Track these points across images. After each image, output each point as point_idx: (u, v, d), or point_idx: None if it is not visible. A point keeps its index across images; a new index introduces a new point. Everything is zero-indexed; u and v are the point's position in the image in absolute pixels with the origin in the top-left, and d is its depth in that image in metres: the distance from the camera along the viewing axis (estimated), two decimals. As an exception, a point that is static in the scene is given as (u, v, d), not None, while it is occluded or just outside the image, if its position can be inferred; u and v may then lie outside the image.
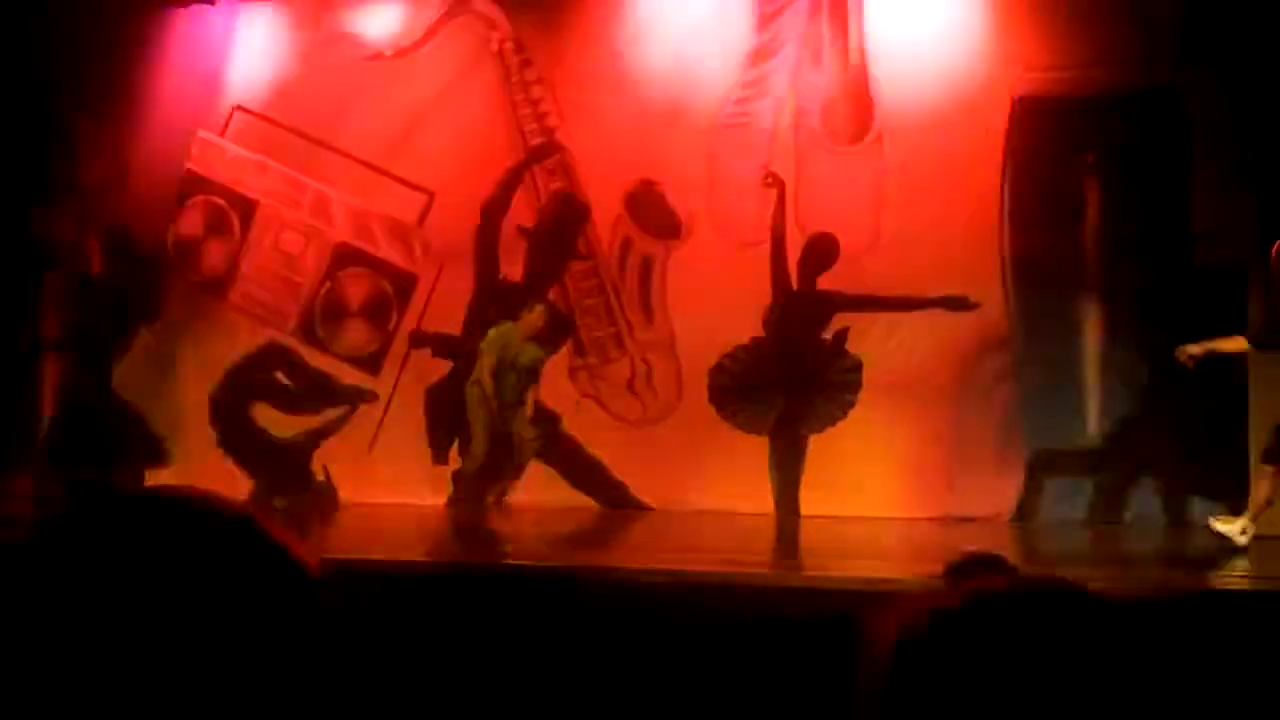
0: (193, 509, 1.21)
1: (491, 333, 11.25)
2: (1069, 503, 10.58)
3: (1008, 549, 8.94)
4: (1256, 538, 8.82)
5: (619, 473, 11.13)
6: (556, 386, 11.35)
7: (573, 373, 11.38)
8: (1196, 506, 10.09)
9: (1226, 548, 8.74)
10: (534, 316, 10.34)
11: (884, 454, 10.65)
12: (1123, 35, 10.48)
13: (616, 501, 11.03)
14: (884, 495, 10.56)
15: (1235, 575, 8.44)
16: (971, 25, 10.83)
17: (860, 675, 1.15)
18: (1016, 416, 10.69)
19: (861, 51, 11.03)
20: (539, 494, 11.11)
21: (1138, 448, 10.44)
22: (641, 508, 10.95)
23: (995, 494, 10.57)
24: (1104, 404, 10.68)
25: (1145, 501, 10.44)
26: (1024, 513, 10.56)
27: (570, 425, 11.28)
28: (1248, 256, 9.98)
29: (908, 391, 10.68)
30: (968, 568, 3.72)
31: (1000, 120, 10.76)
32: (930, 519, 10.30)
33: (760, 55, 11.17)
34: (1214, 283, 10.09)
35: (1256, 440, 9.32)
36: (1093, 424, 10.67)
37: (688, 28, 11.26)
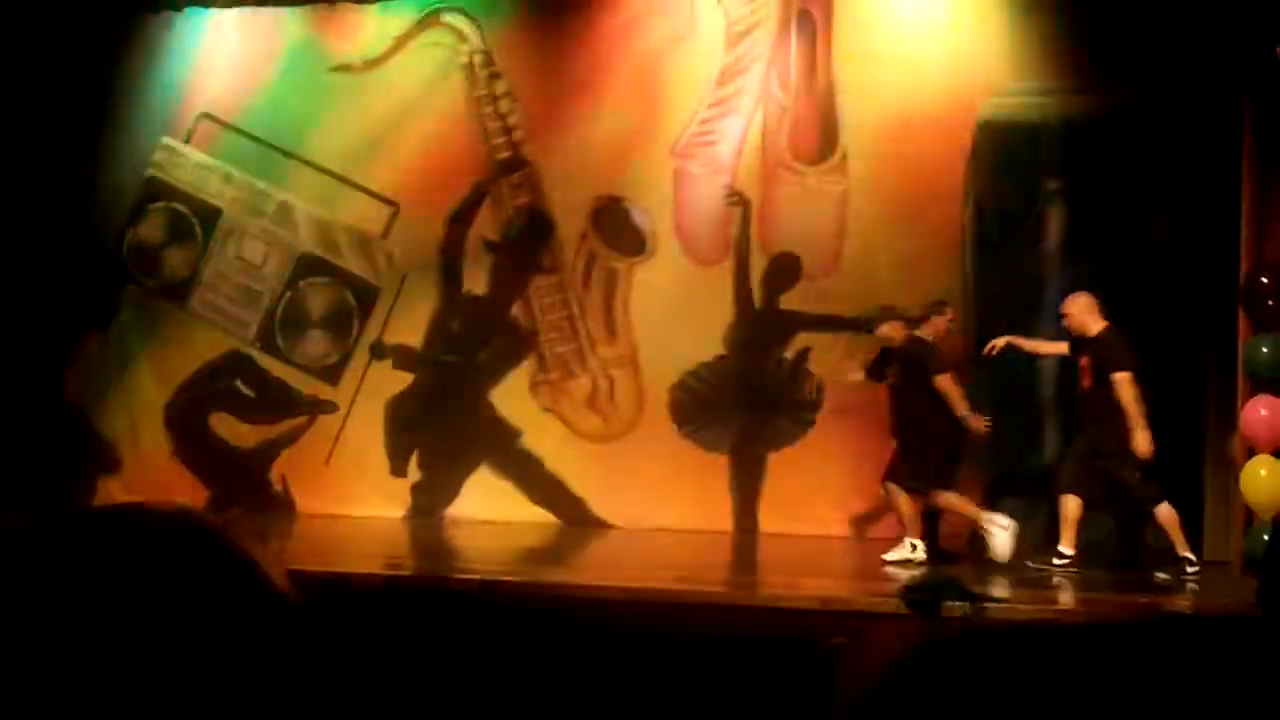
0: (158, 523, 1.19)
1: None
2: (1026, 525, 10.61)
3: (966, 571, 8.98)
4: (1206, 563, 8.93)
5: (579, 489, 11.12)
6: (517, 401, 11.33)
7: (534, 388, 11.37)
8: (1150, 530, 10.16)
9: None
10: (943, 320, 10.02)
11: (843, 473, 10.66)
12: (1085, 61, 10.56)
13: (576, 518, 11.02)
14: (843, 514, 10.59)
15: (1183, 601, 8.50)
16: (936, 49, 10.89)
17: (841, 707, 1.14)
18: (975, 439, 10.72)
19: (828, 73, 11.07)
20: (498, 508, 11.08)
21: (1093, 472, 10.47)
22: (601, 524, 10.94)
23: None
24: (1062, 427, 10.72)
25: (1101, 523, 10.48)
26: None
27: (531, 440, 11.26)
28: (1207, 280, 10.08)
29: (869, 411, 10.70)
30: (924, 589, 3.75)
31: (964, 143, 10.82)
32: (889, 539, 10.32)
33: (728, 75, 11.21)
34: (1175, 306, 10.17)
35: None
36: (1050, 446, 10.72)
37: (656, 45, 11.29)
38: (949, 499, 9.37)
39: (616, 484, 10.97)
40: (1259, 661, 1.12)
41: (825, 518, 10.56)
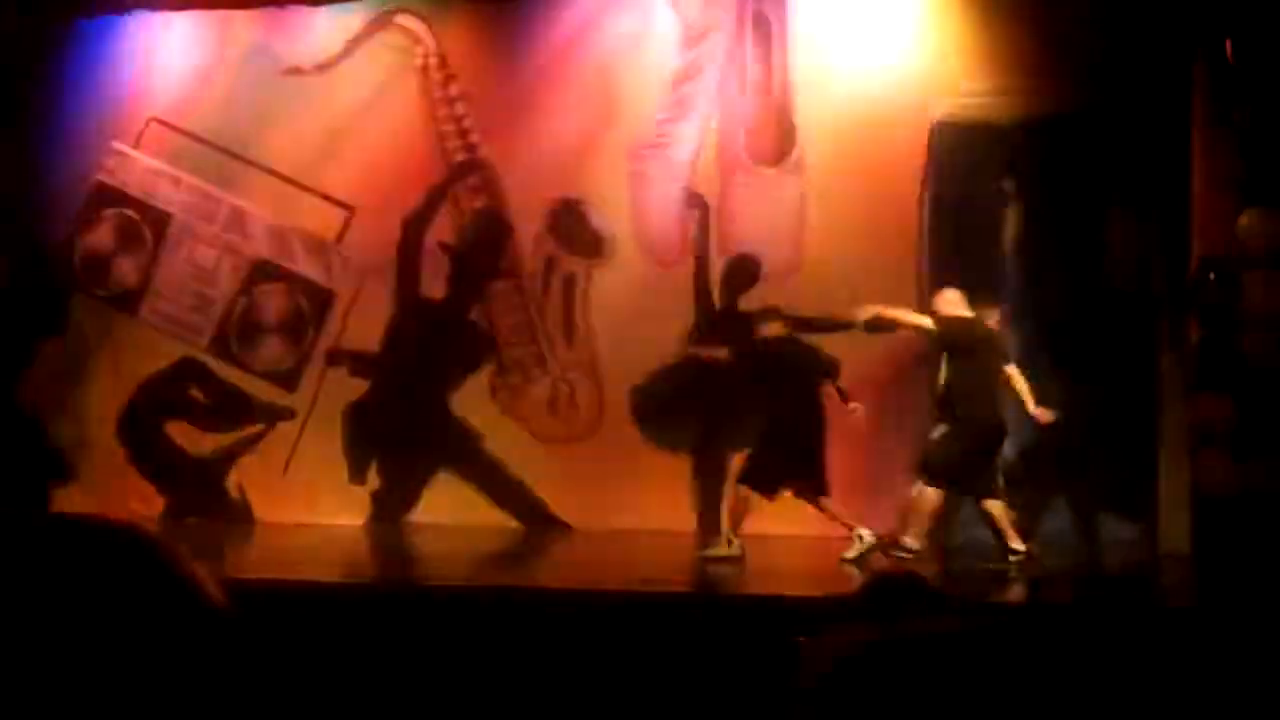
0: (91, 536, 1.16)
1: None
2: (983, 520, 10.65)
3: (925, 567, 9.01)
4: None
5: (540, 491, 11.08)
6: (477, 404, 11.28)
7: (494, 391, 11.32)
8: (1107, 524, 10.24)
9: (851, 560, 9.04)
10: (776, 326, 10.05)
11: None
12: (1041, 63, 10.60)
13: (538, 521, 10.98)
14: (805, 513, 10.57)
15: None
16: (892, 51, 10.92)
17: (791, 705, 1.12)
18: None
19: (784, 75, 11.09)
20: (459, 513, 11.02)
21: (1049, 466, 10.53)
22: (563, 527, 10.90)
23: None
24: (1018, 424, 10.76)
25: (1059, 519, 10.54)
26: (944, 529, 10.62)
27: (491, 444, 11.21)
28: (1158, 282, 10.15)
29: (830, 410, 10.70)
30: (884, 586, 3.71)
31: (920, 144, 10.85)
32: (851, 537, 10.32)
33: (684, 77, 11.20)
34: (1127, 307, 10.24)
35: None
36: (1007, 444, 10.75)
37: (613, 48, 11.27)
38: (826, 503, 9.39)
39: (578, 486, 10.93)
40: (1208, 649, 1.12)
41: (788, 516, 10.54)
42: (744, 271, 10.94)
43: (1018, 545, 9.18)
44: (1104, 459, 10.31)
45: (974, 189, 10.87)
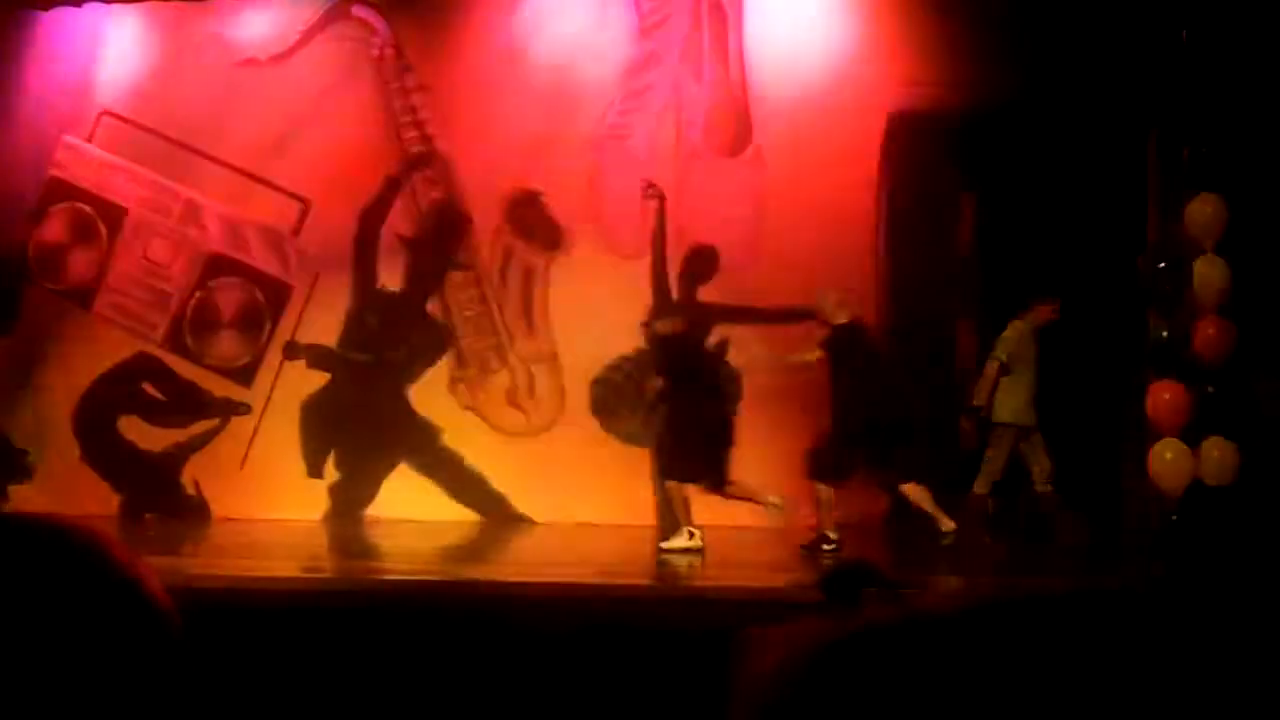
0: (37, 536, 1.15)
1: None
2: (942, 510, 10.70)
3: (882, 555, 9.05)
4: None
5: (500, 485, 11.05)
6: (435, 397, 11.23)
7: (453, 384, 11.27)
8: (1067, 513, 10.29)
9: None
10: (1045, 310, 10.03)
11: (764, 464, 10.66)
12: (995, 53, 10.63)
13: (498, 514, 10.94)
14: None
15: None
16: (848, 41, 10.95)
17: (735, 705, 1.10)
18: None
19: (741, 65, 11.09)
20: (418, 507, 10.98)
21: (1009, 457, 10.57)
22: (523, 520, 10.88)
23: (872, 500, 10.66)
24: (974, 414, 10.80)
25: (1020, 507, 10.58)
26: (899, 519, 10.65)
27: (450, 437, 11.17)
28: (1113, 273, 10.20)
29: (786, 402, 10.71)
30: (841, 576, 3.70)
31: (876, 134, 10.87)
32: (810, 527, 10.34)
33: (641, 67, 11.19)
34: (1083, 295, 10.28)
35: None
36: (964, 434, 10.79)
37: (570, 38, 11.24)
38: (736, 488, 9.45)
39: (538, 479, 10.91)
40: (1174, 634, 1.11)
41: (748, 508, 10.55)
42: (702, 262, 10.93)
43: (948, 525, 9.24)
44: (1063, 448, 10.36)
45: (929, 179, 10.91)
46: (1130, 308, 9.99)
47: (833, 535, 9.33)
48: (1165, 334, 9.53)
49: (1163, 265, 9.58)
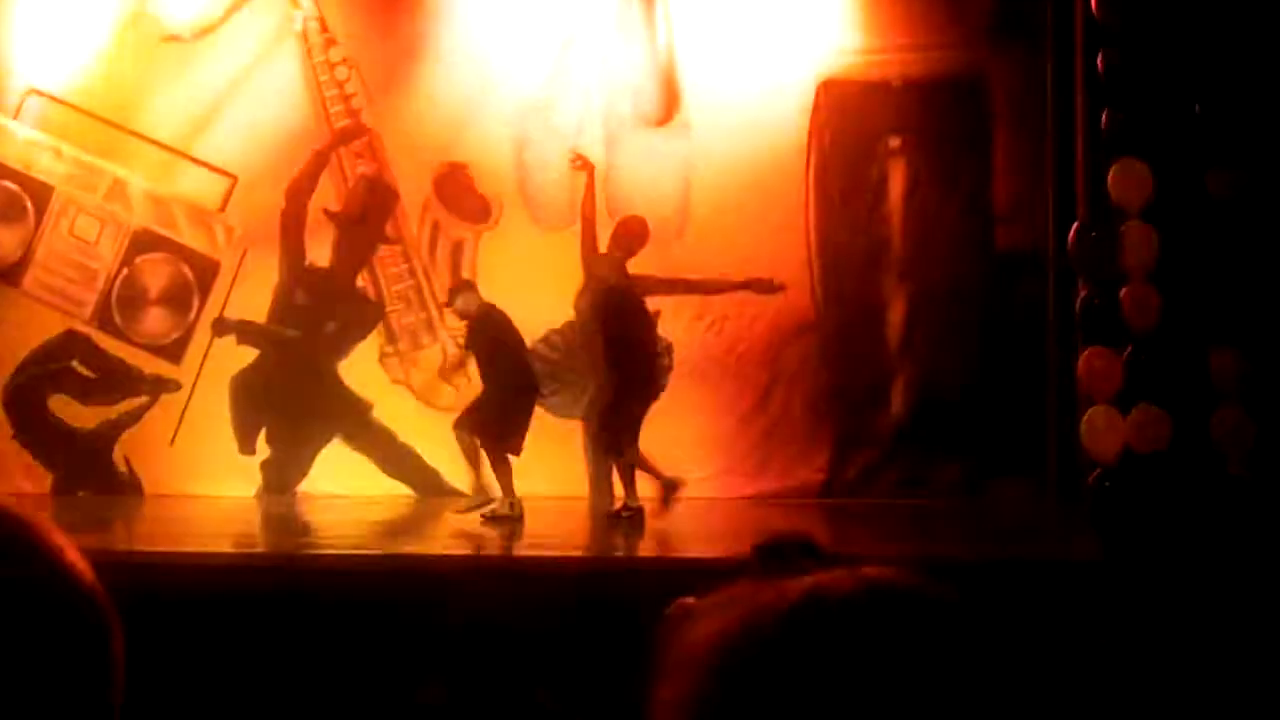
0: None
1: None
2: (875, 480, 10.79)
3: (817, 527, 9.10)
4: None
5: (432, 460, 11.03)
6: (366, 373, 11.21)
7: (383, 359, 11.25)
8: (996, 481, 10.40)
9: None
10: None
11: (696, 435, 10.73)
12: (929, 20, 10.69)
13: (431, 489, 10.94)
14: (697, 476, 10.64)
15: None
16: (778, 8, 10.95)
17: (660, 685, 1.11)
18: (824, 397, 10.88)
19: (669, 34, 11.08)
20: (351, 482, 10.97)
21: (940, 426, 10.68)
22: (456, 495, 10.87)
23: (805, 471, 10.75)
24: (908, 384, 10.91)
25: (948, 478, 10.70)
26: (833, 490, 10.75)
27: (382, 412, 11.15)
28: (1043, 238, 10.29)
29: (718, 374, 10.78)
30: (776, 549, 3.76)
31: (805, 102, 10.91)
32: (743, 498, 10.42)
33: (568, 38, 11.15)
34: (1014, 264, 10.39)
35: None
36: (897, 404, 10.90)
37: (496, 8, 11.19)
38: (503, 469, 9.59)
39: (470, 454, 10.89)
40: (1109, 603, 1.14)
41: (680, 479, 10.61)
42: (632, 234, 10.92)
43: (634, 503, 9.35)
44: (993, 417, 10.47)
45: (861, 147, 10.96)
46: (1060, 274, 10.07)
47: (633, 504, 9.39)
48: (1096, 300, 9.59)
49: (1093, 233, 9.60)
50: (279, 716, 6.51)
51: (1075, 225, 9.72)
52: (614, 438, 9.59)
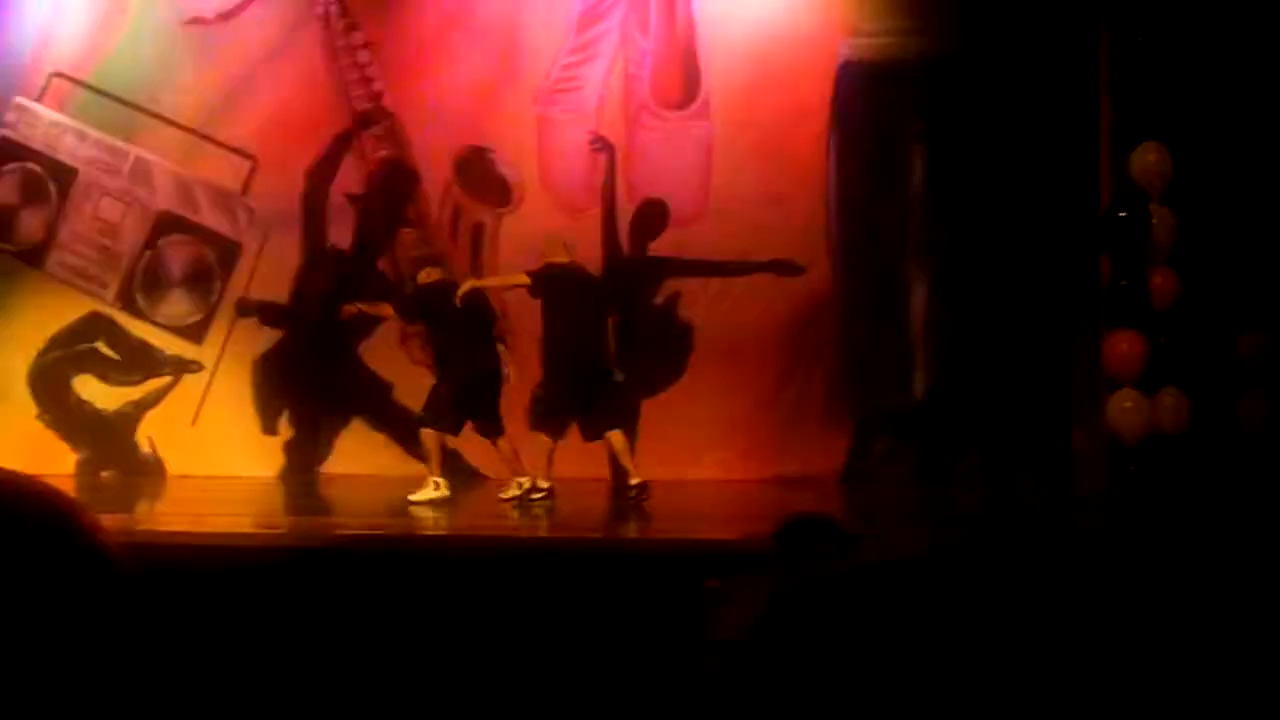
0: None
1: None
2: (896, 462, 10.80)
3: (837, 509, 9.11)
4: None
5: (452, 440, 11.05)
6: (388, 354, 11.24)
7: (404, 340, 11.28)
8: (1021, 465, 10.38)
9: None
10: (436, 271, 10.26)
11: (716, 417, 10.74)
12: (949, 1, 10.66)
13: (452, 469, 10.95)
14: (716, 458, 10.67)
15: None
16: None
17: (708, 656, 1.13)
18: (844, 378, 10.88)
19: (689, 17, 11.07)
20: (373, 462, 11.00)
21: (961, 408, 10.67)
22: (476, 475, 10.91)
23: (825, 454, 10.75)
24: (929, 366, 10.90)
25: (968, 460, 10.69)
26: (852, 473, 10.75)
27: (402, 393, 11.18)
28: (1064, 220, 10.25)
29: (738, 355, 10.78)
30: (797, 529, 3.75)
31: (826, 84, 10.89)
32: (762, 480, 10.43)
33: (588, 20, 11.15)
34: (1039, 245, 10.34)
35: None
36: (918, 386, 10.89)
37: (515, -9, 11.19)
38: (501, 444, 9.67)
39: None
40: (1122, 589, 1.15)
41: (701, 461, 10.63)
42: (653, 216, 10.96)
43: (635, 480, 9.35)
44: (1018, 399, 10.45)
45: (881, 129, 10.93)
46: (1087, 256, 10.03)
47: (543, 484, 9.44)
48: (1124, 283, 9.55)
49: (1123, 215, 9.55)
50: (301, 696, 6.56)
51: (1103, 207, 9.70)
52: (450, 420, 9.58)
